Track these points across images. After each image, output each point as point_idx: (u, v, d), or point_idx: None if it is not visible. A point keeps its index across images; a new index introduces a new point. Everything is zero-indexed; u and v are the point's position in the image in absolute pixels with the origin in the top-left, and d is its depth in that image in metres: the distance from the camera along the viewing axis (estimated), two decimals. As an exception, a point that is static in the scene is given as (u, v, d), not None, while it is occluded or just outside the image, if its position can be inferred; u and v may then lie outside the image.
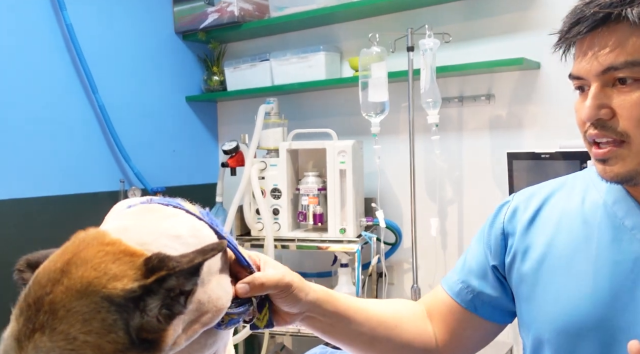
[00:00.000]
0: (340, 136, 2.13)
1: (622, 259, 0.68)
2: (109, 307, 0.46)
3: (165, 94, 2.49)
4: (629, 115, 0.63)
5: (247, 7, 2.39)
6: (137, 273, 0.48)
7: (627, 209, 0.70)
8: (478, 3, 2.02)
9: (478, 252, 0.84)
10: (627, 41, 0.63)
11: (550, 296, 0.73)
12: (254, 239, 2.13)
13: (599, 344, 0.68)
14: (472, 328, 0.83)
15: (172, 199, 0.63)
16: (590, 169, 0.78)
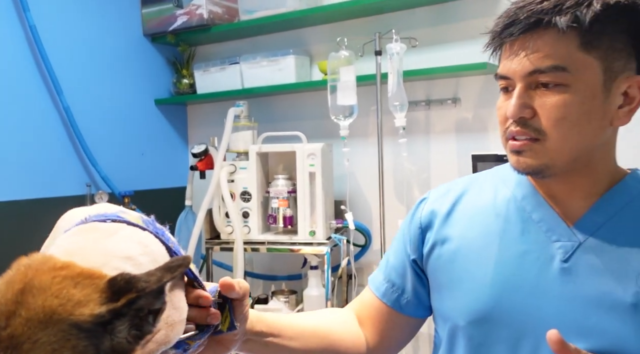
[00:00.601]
0: (310, 139, 2.15)
1: (529, 249, 0.73)
2: (78, 334, 0.45)
3: (134, 96, 2.46)
4: (548, 116, 0.68)
5: (217, 10, 2.38)
6: (102, 296, 0.47)
7: (534, 204, 0.75)
8: (444, 9, 2.06)
9: (399, 249, 0.87)
10: (554, 47, 0.66)
11: (464, 286, 0.77)
12: (224, 243, 2.12)
13: (510, 331, 0.72)
14: (400, 327, 0.87)
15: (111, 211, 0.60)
16: (499, 168, 0.84)
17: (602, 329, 0.67)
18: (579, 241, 0.72)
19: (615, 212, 0.72)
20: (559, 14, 0.65)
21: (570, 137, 0.68)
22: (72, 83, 2.17)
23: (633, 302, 0.67)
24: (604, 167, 0.73)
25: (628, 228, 0.71)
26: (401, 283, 0.86)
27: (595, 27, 0.65)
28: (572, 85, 0.67)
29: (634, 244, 0.70)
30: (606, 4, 0.65)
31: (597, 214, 0.72)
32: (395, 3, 2.06)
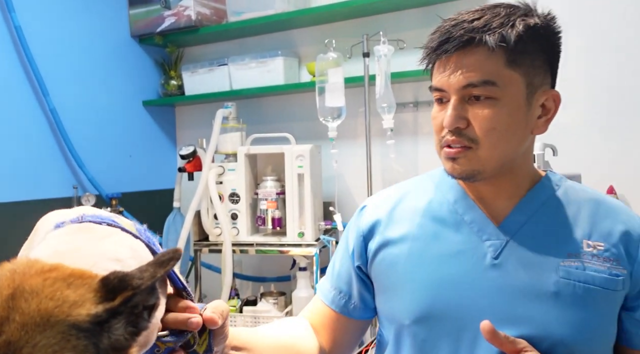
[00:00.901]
0: (298, 140, 2.15)
1: (463, 249, 0.80)
2: (77, 334, 0.45)
3: (122, 98, 2.44)
4: (481, 126, 0.75)
5: (205, 12, 2.38)
6: (96, 295, 0.47)
7: (466, 206, 0.83)
8: (432, 11, 2.07)
9: (343, 257, 0.91)
10: (485, 63, 0.74)
11: (406, 287, 0.81)
12: (212, 245, 2.11)
13: (451, 325, 0.78)
14: (350, 331, 0.91)
15: (106, 215, 0.60)
16: (432, 174, 0.90)
17: (529, 316, 0.74)
18: (506, 239, 0.79)
19: (535, 210, 0.80)
20: (489, 33, 0.73)
21: (499, 145, 0.75)
22: (58, 84, 2.15)
23: (554, 290, 0.75)
24: (524, 171, 0.82)
25: (546, 224, 0.79)
26: (348, 289, 0.90)
27: (518, 46, 0.73)
28: (501, 98, 0.74)
29: (552, 238, 0.78)
30: (527, 25, 0.74)
31: (519, 213, 0.80)
32: (383, 5, 2.07)
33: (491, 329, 0.70)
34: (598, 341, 0.76)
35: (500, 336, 0.70)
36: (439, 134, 0.79)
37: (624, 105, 1.80)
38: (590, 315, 0.74)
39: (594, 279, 0.75)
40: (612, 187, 1.75)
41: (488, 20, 0.74)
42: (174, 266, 0.50)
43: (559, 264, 0.76)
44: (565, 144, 1.76)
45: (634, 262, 0.76)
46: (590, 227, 0.78)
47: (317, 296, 0.93)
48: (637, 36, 1.77)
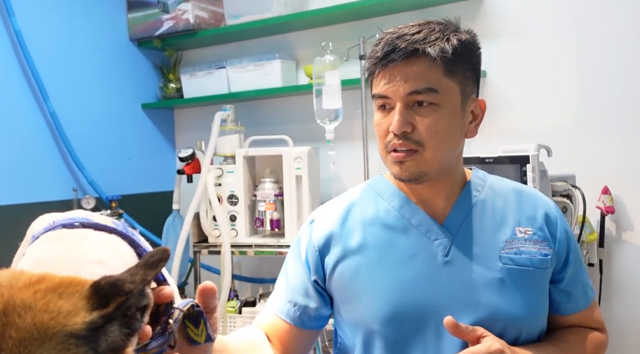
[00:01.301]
0: (296, 142, 2.17)
1: (417, 251, 0.86)
2: (75, 342, 0.45)
3: (121, 101, 2.46)
4: (425, 129, 0.82)
5: (203, 15, 2.40)
6: (89, 302, 0.47)
7: (411, 211, 0.89)
8: (428, 13, 2.09)
9: (297, 271, 0.94)
10: (427, 72, 0.81)
11: (370, 294, 0.86)
12: (211, 246, 2.13)
13: (417, 323, 0.84)
14: (303, 342, 0.94)
15: (79, 215, 0.60)
16: (371, 184, 0.96)
17: (482, 303, 0.83)
18: (452, 237, 0.87)
19: (471, 206, 0.89)
20: (429, 45, 0.81)
21: (441, 147, 0.83)
22: (58, 88, 2.17)
23: (500, 277, 0.84)
24: (458, 171, 0.90)
25: (482, 218, 0.88)
26: (303, 302, 0.92)
27: (454, 58, 0.82)
28: (441, 104, 0.82)
29: (489, 230, 0.87)
30: (459, 40, 0.83)
31: (458, 212, 0.88)
32: (379, 8, 2.09)
33: (453, 324, 0.77)
34: (541, 314, 0.86)
35: (462, 328, 0.77)
36: (383, 139, 0.85)
37: (618, 106, 1.81)
38: (532, 293, 0.84)
39: (531, 261, 0.85)
40: (606, 187, 1.77)
41: (427, 34, 0.82)
42: (163, 267, 0.50)
43: (500, 252, 0.85)
44: (560, 145, 1.77)
45: (555, 240, 0.87)
46: (518, 215, 0.88)
47: (269, 309, 0.95)
48: (631, 38, 1.79)
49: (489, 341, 0.77)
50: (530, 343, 0.85)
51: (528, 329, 0.85)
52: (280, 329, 0.93)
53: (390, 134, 0.83)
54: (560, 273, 0.89)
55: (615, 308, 1.84)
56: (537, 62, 1.93)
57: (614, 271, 1.83)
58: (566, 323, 0.92)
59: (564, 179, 1.58)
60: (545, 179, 1.49)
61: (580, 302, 0.91)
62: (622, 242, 1.82)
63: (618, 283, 1.83)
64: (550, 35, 1.90)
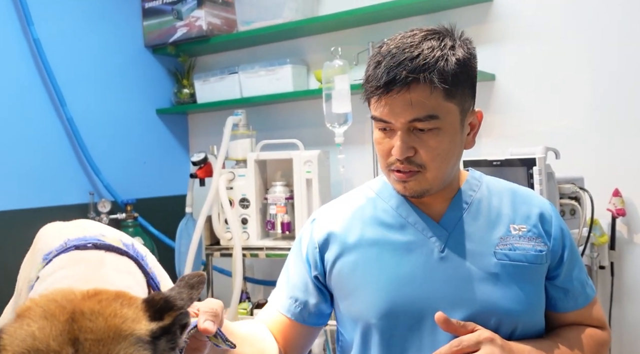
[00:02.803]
0: (307, 146, 2.19)
1: (414, 247, 0.89)
2: (143, 345, 0.50)
3: (136, 106, 2.52)
4: (427, 154, 0.84)
5: (215, 22, 2.44)
6: (146, 314, 0.52)
7: (408, 210, 0.92)
8: (436, 18, 2.10)
9: (298, 268, 0.97)
10: (428, 100, 0.82)
11: (369, 289, 0.89)
12: (223, 249, 2.16)
13: (413, 317, 0.86)
14: (304, 337, 0.97)
15: (91, 234, 0.63)
16: (370, 185, 0.99)
17: (477, 298, 0.85)
18: (447, 234, 0.89)
19: (467, 205, 0.92)
20: (429, 71, 0.81)
21: (443, 167, 0.86)
22: (75, 94, 2.23)
23: (495, 272, 0.86)
24: (456, 176, 0.93)
25: (478, 216, 0.91)
26: (303, 297, 0.95)
27: (454, 81, 0.83)
28: (442, 128, 0.84)
29: (485, 227, 0.89)
30: (458, 59, 0.83)
31: (455, 210, 0.91)
32: (388, 13, 2.11)
33: (445, 319, 0.80)
34: (535, 310, 0.89)
35: (454, 323, 0.80)
36: (385, 157, 0.88)
37: (628, 108, 1.80)
38: (527, 289, 0.86)
39: (525, 257, 0.87)
40: (617, 189, 1.76)
41: (427, 57, 0.82)
42: (203, 288, 0.56)
43: (495, 248, 0.88)
44: (568, 148, 1.77)
45: (550, 237, 0.90)
46: (513, 213, 0.91)
47: (271, 305, 0.97)
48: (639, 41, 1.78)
49: (480, 331, 0.81)
50: (526, 339, 0.87)
51: (523, 324, 0.86)
52: (282, 325, 0.95)
53: (393, 156, 0.85)
54: (556, 269, 0.91)
55: (627, 311, 1.82)
56: (547, 65, 1.93)
57: (626, 274, 1.82)
58: (566, 320, 0.93)
59: (572, 182, 1.58)
60: (552, 181, 1.49)
61: (579, 299, 0.92)
62: (634, 244, 1.80)
63: (630, 285, 1.81)
64: (560, 38, 1.90)
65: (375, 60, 0.85)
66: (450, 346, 0.79)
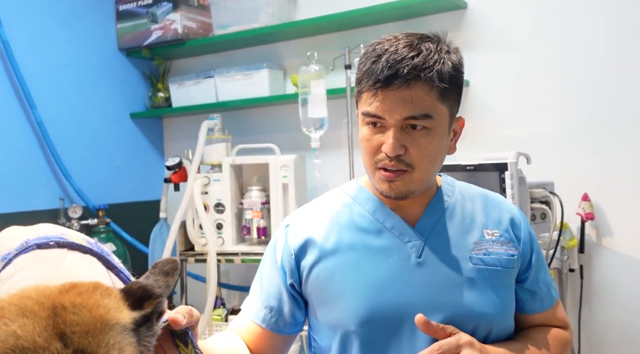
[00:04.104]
0: (283, 151, 2.19)
1: (391, 253, 0.89)
2: (129, 333, 0.50)
3: (109, 110, 2.48)
4: (417, 153, 0.84)
5: (191, 25, 2.42)
6: (126, 303, 0.52)
7: (385, 215, 0.92)
8: (411, 24, 2.13)
9: (273, 276, 0.95)
10: (424, 98, 0.83)
11: (347, 295, 0.88)
12: (198, 254, 2.14)
13: (393, 323, 0.86)
14: (279, 347, 0.96)
15: (54, 233, 0.62)
16: (345, 189, 0.98)
17: (454, 302, 0.86)
18: (424, 239, 0.90)
19: (442, 211, 0.92)
20: (428, 71, 0.82)
21: (430, 168, 0.87)
22: (45, 97, 2.18)
23: (470, 276, 0.88)
24: (434, 181, 0.94)
25: (453, 221, 0.91)
26: (278, 306, 0.93)
27: (449, 82, 0.84)
28: (433, 128, 0.85)
29: (460, 232, 0.90)
30: (452, 62, 0.85)
31: (430, 215, 0.92)
32: (364, 19, 2.13)
33: (425, 321, 0.80)
34: (508, 312, 0.90)
35: (433, 326, 0.81)
36: (372, 155, 0.87)
37: (597, 115, 1.85)
38: (501, 292, 0.88)
39: (499, 261, 0.89)
40: (586, 194, 1.80)
41: (426, 58, 0.83)
42: (178, 275, 0.56)
43: (470, 253, 0.89)
44: (539, 153, 1.80)
45: (520, 241, 0.92)
46: (486, 218, 0.93)
47: (245, 315, 0.96)
48: (612, 48, 1.83)
49: (459, 335, 0.81)
50: (499, 341, 0.88)
51: (497, 327, 0.88)
52: (256, 335, 0.93)
53: (382, 153, 0.84)
54: (525, 272, 0.93)
55: (596, 312, 1.86)
56: (519, 72, 1.97)
57: (595, 276, 1.86)
58: (532, 322, 0.95)
59: (542, 186, 1.61)
60: (523, 185, 1.51)
61: (545, 301, 0.95)
62: (602, 247, 1.85)
63: (598, 287, 1.85)
64: (531, 45, 1.94)
65: (374, 54, 0.84)
66: (430, 349, 0.79)
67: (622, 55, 1.81)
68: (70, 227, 2.16)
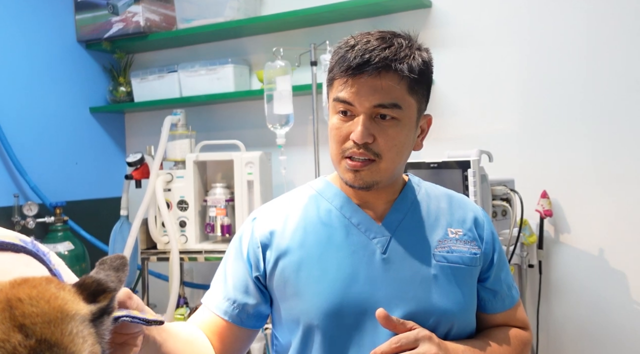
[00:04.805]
0: (249, 147, 2.16)
1: (355, 248, 0.90)
2: (88, 324, 0.50)
3: (67, 104, 2.39)
4: (386, 142, 0.86)
5: (154, 18, 2.36)
6: (80, 297, 0.51)
7: (352, 211, 0.93)
8: (377, 21, 2.14)
9: (238, 268, 0.94)
10: (394, 88, 0.85)
11: (312, 290, 0.88)
12: (160, 253, 2.09)
13: (356, 317, 0.87)
14: (241, 340, 0.94)
15: None
16: (312, 185, 0.99)
17: (417, 298, 0.87)
18: (389, 236, 0.91)
19: (408, 208, 0.94)
20: (399, 62, 0.84)
21: (397, 159, 0.88)
22: (-1, 90, 2.09)
23: (434, 273, 0.89)
24: (399, 178, 0.95)
25: (418, 219, 0.93)
26: (242, 299, 0.92)
27: (418, 77, 0.86)
28: (402, 120, 0.86)
29: (425, 229, 0.92)
30: (423, 59, 0.87)
31: (396, 212, 0.93)
32: (331, 15, 2.12)
33: (385, 316, 0.81)
34: (469, 310, 0.92)
35: (393, 321, 0.82)
36: (340, 144, 0.87)
37: (557, 114, 1.90)
38: (463, 289, 0.90)
39: (461, 259, 0.91)
40: (545, 191, 1.84)
41: (397, 50, 0.85)
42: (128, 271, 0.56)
43: (434, 250, 0.90)
44: (501, 151, 1.84)
45: (483, 241, 0.94)
46: (450, 218, 0.94)
47: (206, 307, 0.94)
48: (572, 49, 1.88)
49: (418, 329, 0.83)
50: (460, 339, 0.90)
51: (458, 324, 0.89)
52: (218, 327, 0.92)
53: (350, 142, 0.85)
54: (487, 272, 0.95)
55: (553, 306, 1.91)
56: (482, 71, 2.00)
57: (553, 272, 1.91)
58: (493, 321, 0.96)
59: (503, 184, 1.64)
60: (485, 183, 1.54)
61: (506, 301, 0.96)
62: (560, 244, 1.90)
63: (556, 283, 1.91)
64: (494, 45, 1.98)
65: (348, 45, 0.87)
66: (389, 343, 0.81)
67: (580, 55, 1.86)
68: (25, 226, 2.09)
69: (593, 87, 1.84)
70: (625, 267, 1.81)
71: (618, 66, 1.81)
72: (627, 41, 1.79)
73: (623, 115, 1.80)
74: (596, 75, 1.84)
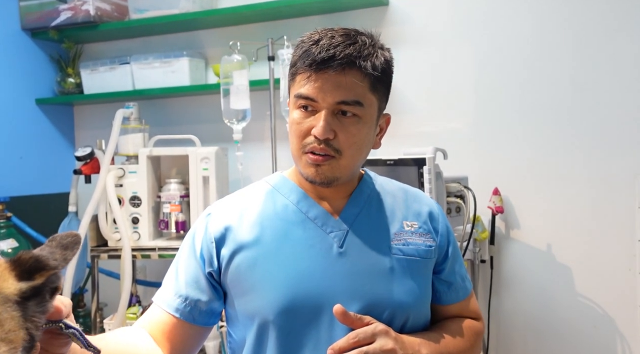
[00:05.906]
0: (204, 142, 2.12)
1: (313, 243, 0.90)
2: (11, 305, 0.46)
3: (11, 95, 2.27)
4: (346, 139, 0.86)
5: (105, 7, 2.28)
6: (12, 274, 0.47)
7: (308, 205, 0.93)
8: (336, 18, 2.13)
9: (190, 264, 0.92)
10: (357, 85, 0.85)
11: (267, 285, 0.87)
12: (112, 250, 2.02)
13: (312, 312, 0.86)
14: (193, 338, 0.92)
15: None
16: (269, 180, 0.98)
17: (373, 291, 0.88)
18: (346, 229, 0.91)
19: (365, 203, 0.95)
20: (363, 59, 0.85)
21: (357, 157, 0.89)
22: None
23: (390, 267, 0.90)
24: (357, 174, 0.97)
25: (374, 213, 0.94)
26: (194, 296, 0.90)
27: (380, 76, 0.87)
28: (362, 117, 0.87)
29: (381, 223, 0.93)
30: (385, 58, 0.89)
31: (353, 206, 0.94)
32: (288, 10, 2.10)
33: (342, 312, 0.82)
34: (424, 302, 0.93)
35: (351, 316, 0.83)
36: (301, 139, 0.87)
37: (509, 113, 1.95)
38: (418, 282, 0.91)
39: (417, 251, 0.92)
40: (497, 189, 1.90)
41: (361, 48, 0.85)
42: (78, 251, 0.52)
43: (390, 244, 0.91)
44: (456, 149, 1.88)
45: (437, 234, 0.96)
46: (405, 211, 0.96)
47: (157, 305, 0.92)
48: (523, 49, 1.94)
49: (375, 324, 0.84)
50: (415, 331, 0.91)
51: (414, 316, 0.90)
52: (169, 325, 0.90)
53: (311, 137, 0.86)
54: (442, 264, 0.96)
55: (504, 300, 1.98)
56: (438, 70, 2.03)
57: (504, 267, 1.97)
58: (448, 312, 0.99)
59: (457, 181, 1.67)
60: (440, 180, 1.57)
61: (460, 292, 0.98)
62: (510, 239, 1.96)
63: (506, 277, 1.97)
64: (448, 45, 2.01)
65: (312, 39, 0.86)
66: (347, 338, 0.81)
67: (530, 56, 1.92)
68: (-36, 223, 1.97)
69: (542, 87, 1.91)
70: (571, 262, 1.89)
71: (564, 68, 1.88)
72: (572, 44, 1.86)
73: (567, 115, 1.87)
74: (542, 77, 1.90)
